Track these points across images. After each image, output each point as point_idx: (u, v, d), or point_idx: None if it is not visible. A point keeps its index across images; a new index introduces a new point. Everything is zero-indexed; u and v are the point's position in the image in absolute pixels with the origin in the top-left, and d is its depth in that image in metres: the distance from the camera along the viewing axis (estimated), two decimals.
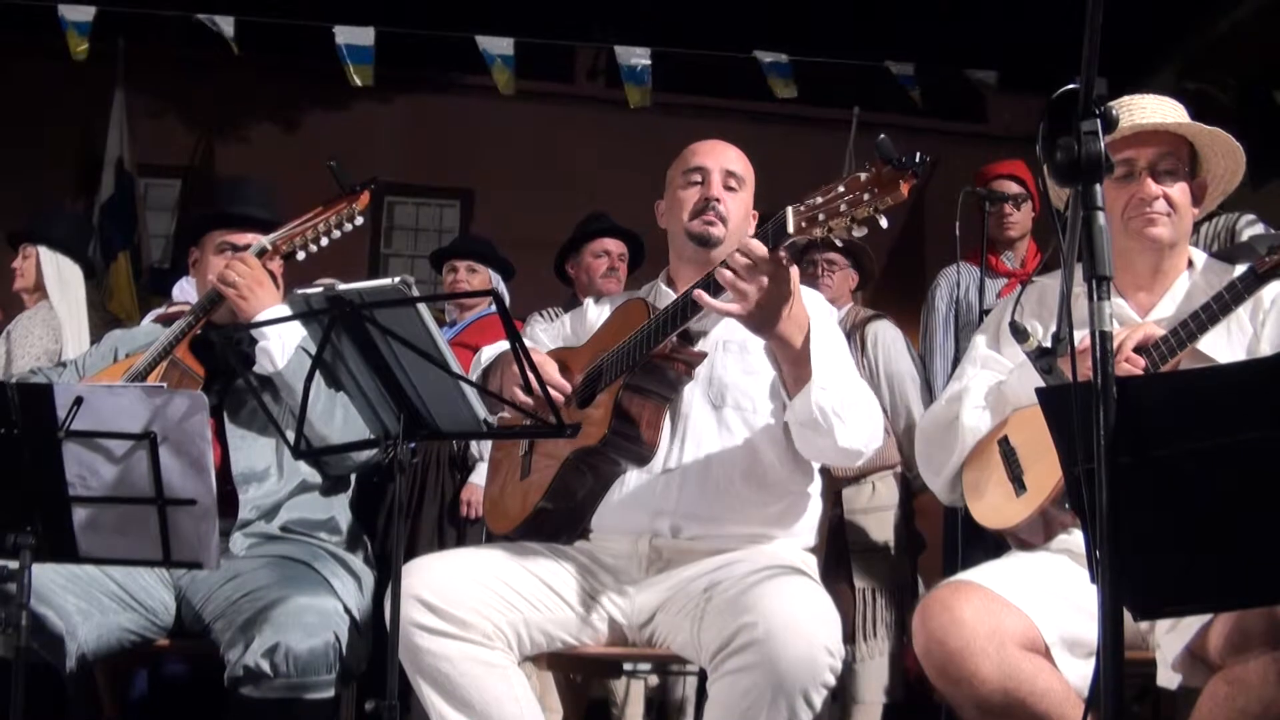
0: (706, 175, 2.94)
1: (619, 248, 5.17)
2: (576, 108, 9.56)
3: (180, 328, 3.21)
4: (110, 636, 2.89)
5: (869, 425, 2.71)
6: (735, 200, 2.94)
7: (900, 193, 2.24)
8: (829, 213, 2.30)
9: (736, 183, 2.95)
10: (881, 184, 2.25)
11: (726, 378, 2.87)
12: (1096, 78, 1.76)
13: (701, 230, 2.91)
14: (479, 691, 2.66)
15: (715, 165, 2.95)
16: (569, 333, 3.20)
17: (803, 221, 2.34)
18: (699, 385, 2.86)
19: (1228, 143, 2.75)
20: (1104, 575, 1.63)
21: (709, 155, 2.97)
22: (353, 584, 3.04)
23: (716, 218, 2.90)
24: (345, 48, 7.66)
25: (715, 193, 2.91)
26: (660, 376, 2.73)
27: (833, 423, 2.62)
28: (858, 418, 2.67)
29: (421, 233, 10.18)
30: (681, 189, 2.97)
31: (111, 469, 2.52)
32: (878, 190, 2.25)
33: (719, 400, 2.86)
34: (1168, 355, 2.53)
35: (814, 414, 2.60)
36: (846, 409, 2.63)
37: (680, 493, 2.82)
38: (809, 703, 2.41)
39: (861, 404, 2.69)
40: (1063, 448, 1.79)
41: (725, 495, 2.81)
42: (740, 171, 2.97)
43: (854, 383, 2.72)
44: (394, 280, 2.31)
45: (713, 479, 2.81)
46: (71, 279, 5.23)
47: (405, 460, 2.42)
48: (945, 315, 5.10)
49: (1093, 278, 1.71)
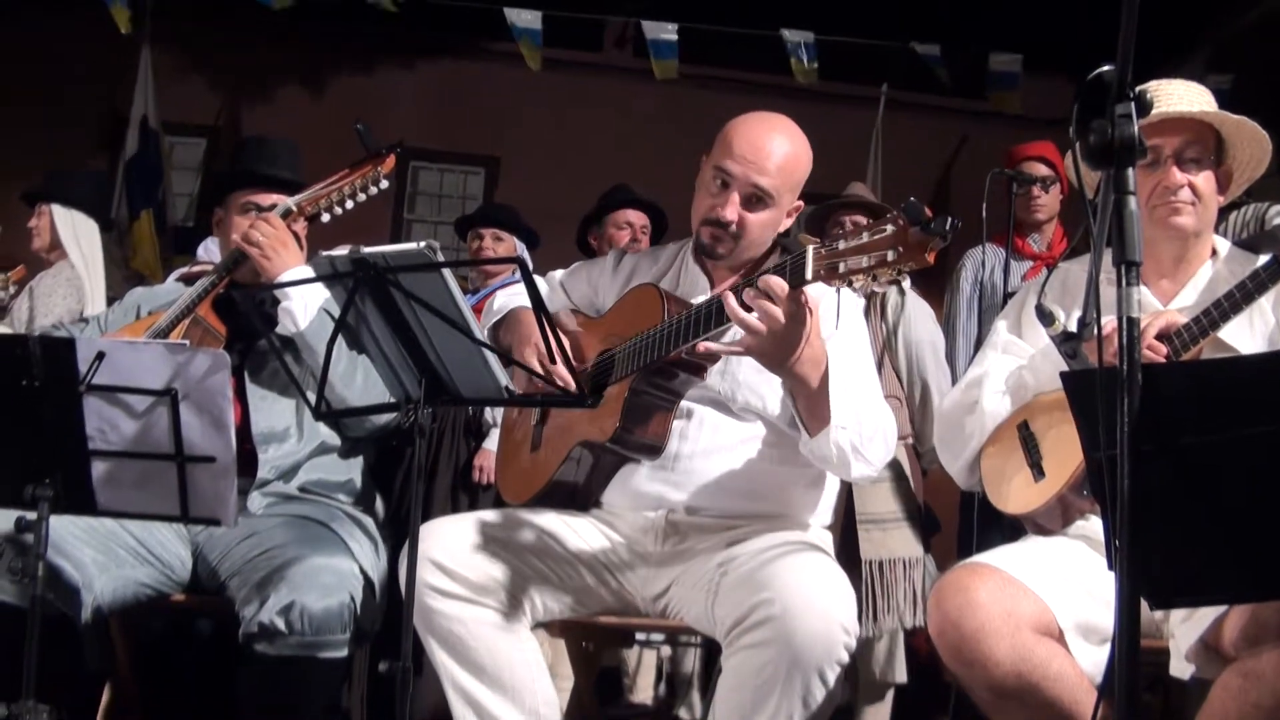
0: (729, 185, 2.75)
1: (641, 219, 5.17)
2: (603, 78, 9.52)
3: (203, 286, 3.23)
4: (126, 590, 2.92)
5: (883, 450, 2.65)
6: (756, 219, 2.77)
7: (925, 260, 2.15)
8: (851, 265, 2.22)
9: (764, 198, 2.75)
10: (907, 247, 2.16)
11: (740, 376, 2.79)
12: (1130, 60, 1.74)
13: (708, 243, 2.81)
14: (491, 655, 2.67)
15: (743, 178, 2.72)
16: (586, 287, 3.13)
17: (822, 268, 2.25)
18: (711, 379, 2.79)
19: (1255, 132, 2.73)
20: (1122, 563, 1.63)
21: (743, 161, 2.72)
22: (369, 546, 3.05)
23: (727, 236, 2.78)
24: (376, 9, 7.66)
25: (729, 214, 2.74)
26: (673, 379, 2.70)
27: (849, 459, 2.57)
28: (874, 447, 2.61)
29: (445, 199, 10.17)
30: (706, 183, 2.81)
31: (132, 424, 2.53)
32: (902, 252, 2.16)
33: (730, 396, 2.80)
34: (1189, 343, 2.53)
35: (832, 455, 2.56)
36: (864, 442, 2.57)
37: (694, 473, 2.78)
38: (823, 679, 2.41)
39: (879, 431, 2.63)
40: (1085, 433, 1.78)
41: (740, 474, 2.79)
42: (772, 186, 2.73)
43: (873, 409, 2.65)
44: (419, 245, 2.30)
45: (728, 460, 2.79)
46: (87, 235, 5.25)
47: (425, 424, 2.42)
48: (969, 297, 5.08)
49: (1122, 263, 1.70)
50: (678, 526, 2.82)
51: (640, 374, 2.66)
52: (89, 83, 8.77)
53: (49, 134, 8.39)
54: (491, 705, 2.67)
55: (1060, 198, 5.15)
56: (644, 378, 2.67)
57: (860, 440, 2.56)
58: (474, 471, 4.68)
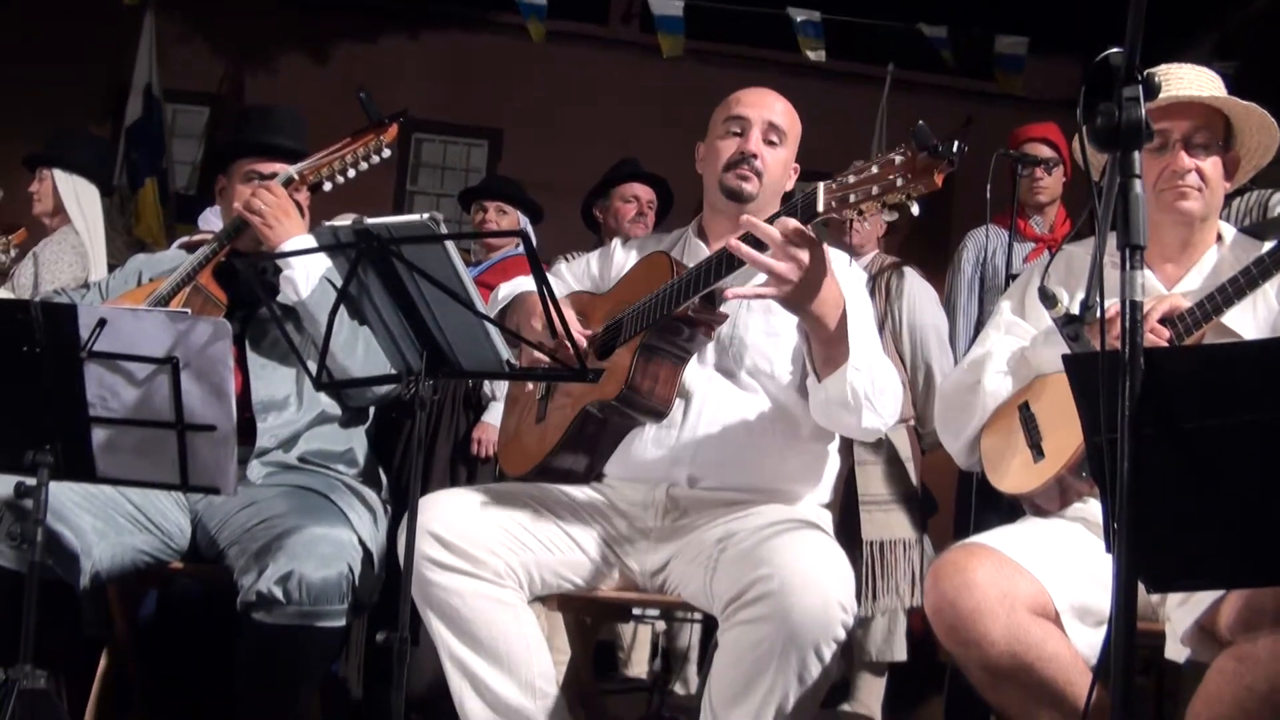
0: (746, 127, 2.87)
1: (648, 194, 5.16)
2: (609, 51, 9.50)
3: (204, 254, 3.22)
4: (125, 557, 2.92)
5: (893, 405, 2.68)
6: (774, 156, 2.89)
7: (934, 182, 2.19)
8: (861, 194, 2.27)
9: (778, 136, 2.89)
10: (916, 171, 2.20)
11: (747, 339, 2.84)
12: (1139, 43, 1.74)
13: (735, 185, 2.86)
14: (488, 627, 2.67)
15: (758, 117, 2.88)
16: (594, 273, 3.18)
17: (833, 200, 2.31)
18: (718, 343, 2.83)
19: (1263, 118, 2.73)
20: (1120, 545, 1.63)
21: (753, 105, 2.90)
22: (368, 517, 3.05)
23: (751, 172, 2.85)
24: None
25: (753, 147, 2.85)
26: (681, 336, 2.71)
27: (862, 404, 2.59)
28: (885, 400, 2.64)
29: (448, 171, 10.15)
30: (720, 138, 2.91)
31: (132, 391, 2.53)
32: (911, 177, 2.21)
33: (737, 360, 2.84)
34: (1193, 328, 2.52)
35: (847, 395, 2.57)
36: (876, 391, 2.60)
37: (696, 449, 2.80)
38: (819, 656, 2.42)
39: (890, 386, 2.67)
40: (1086, 416, 1.78)
41: (743, 448, 2.80)
42: (784, 125, 2.90)
43: (884, 362, 2.69)
44: (423, 216, 2.30)
45: (730, 436, 2.80)
46: (88, 200, 5.24)
47: (426, 396, 2.42)
48: (971, 277, 5.08)
49: (1126, 246, 1.70)
50: (678, 501, 2.83)
51: (649, 331, 2.68)
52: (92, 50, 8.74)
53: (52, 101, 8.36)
54: (488, 678, 2.68)
55: (1063, 180, 5.14)
56: (652, 335, 2.68)
57: (873, 388, 2.59)
58: (473, 444, 4.69)
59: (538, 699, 2.69)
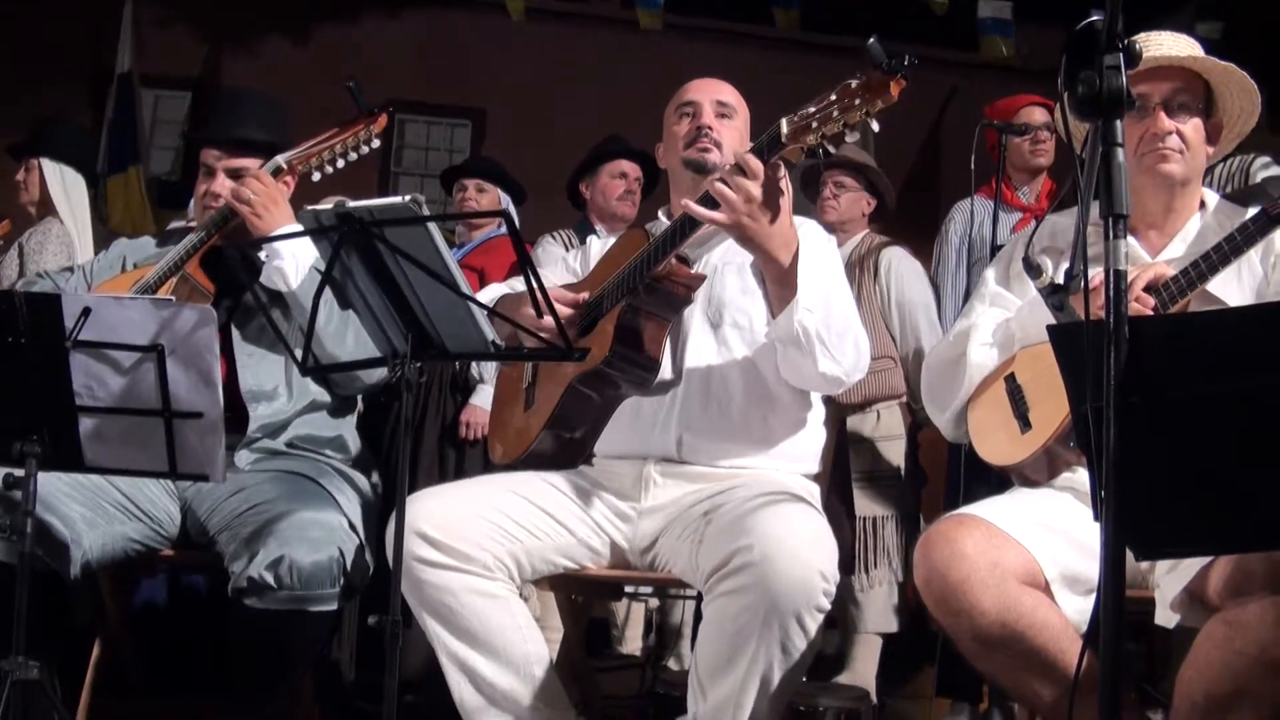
0: (698, 107, 3.01)
1: (635, 170, 5.16)
2: (589, 29, 9.47)
3: (192, 243, 3.19)
4: (115, 545, 2.92)
5: (852, 354, 2.72)
6: (728, 127, 3.00)
7: (890, 95, 2.29)
8: (822, 119, 2.35)
9: (729, 110, 3.02)
10: (872, 88, 2.30)
11: (725, 296, 2.90)
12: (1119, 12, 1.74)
13: (697, 157, 2.95)
14: (482, 622, 2.69)
15: (705, 97, 3.02)
16: (575, 267, 3.22)
17: (796, 129, 2.39)
18: (698, 305, 2.88)
19: (1243, 80, 2.72)
20: (1107, 514, 1.64)
21: (699, 90, 3.05)
22: (357, 500, 3.06)
23: (710, 143, 2.95)
24: None
25: (707, 120, 2.98)
26: (660, 297, 2.73)
27: (814, 345, 2.63)
28: (842, 345, 2.68)
29: (432, 152, 10.13)
30: (675, 124, 3.04)
31: (119, 380, 2.53)
32: (869, 94, 2.31)
33: (717, 318, 2.89)
34: (1177, 296, 2.52)
35: (795, 332, 2.61)
36: (831, 334, 2.64)
37: (682, 408, 2.84)
38: (802, 626, 2.43)
39: (848, 333, 2.71)
40: (1072, 386, 1.78)
41: (726, 410, 2.84)
42: (731, 101, 3.04)
43: (843, 311, 2.73)
44: (404, 198, 2.29)
45: (714, 395, 2.84)
46: (75, 189, 5.22)
47: (413, 379, 2.42)
48: (958, 249, 5.08)
49: (1109, 215, 1.70)
50: (665, 476, 2.85)
51: (628, 296, 2.71)
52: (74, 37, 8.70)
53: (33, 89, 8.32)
54: (486, 671, 2.70)
55: None
56: (632, 299, 2.71)
57: (827, 332, 2.63)
58: (460, 427, 4.70)
59: (532, 684, 2.71)
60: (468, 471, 4.78)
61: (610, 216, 5.06)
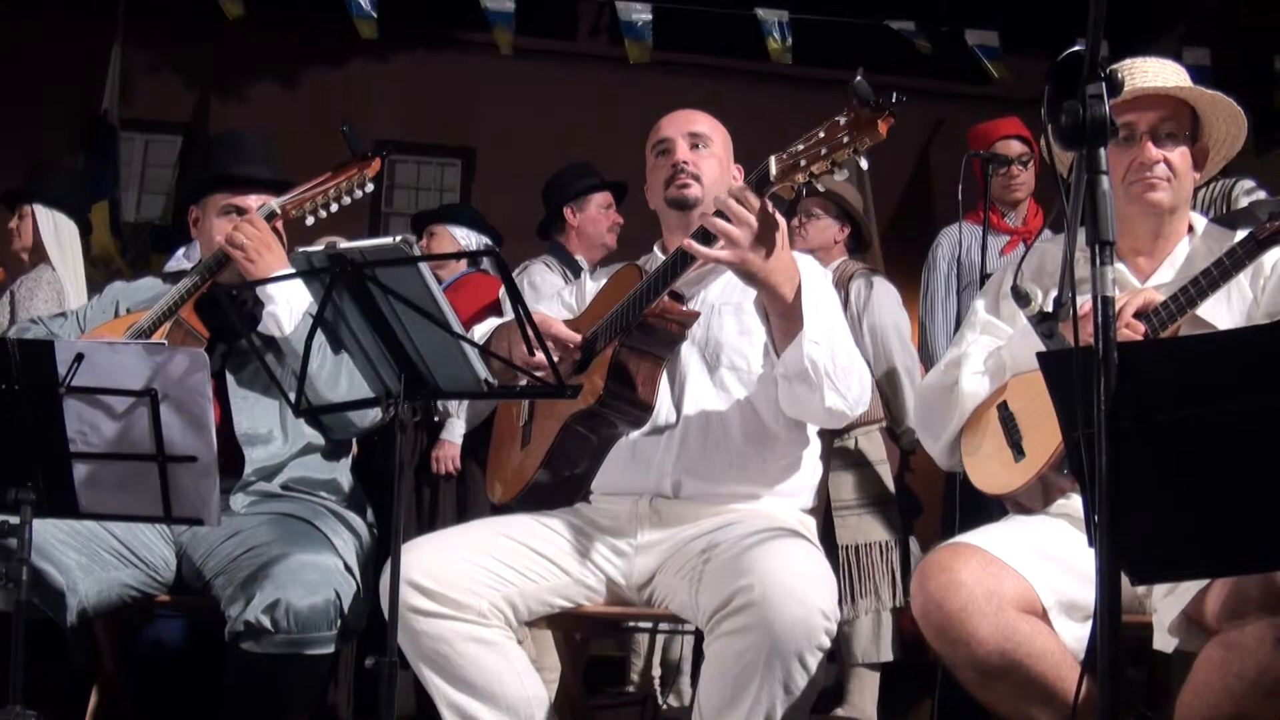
0: (671, 144, 3.00)
1: None
2: (579, 66, 9.50)
3: (186, 287, 3.19)
4: (111, 592, 2.91)
5: (857, 388, 2.71)
6: (705, 157, 2.99)
7: (879, 132, 2.29)
8: (810, 157, 2.36)
9: (702, 141, 3.01)
10: (860, 126, 2.30)
11: (722, 337, 2.89)
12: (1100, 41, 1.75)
13: (677, 194, 2.95)
14: (479, 670, 2.68)
15: (677, 132, 3.01)
16: (569, 302, 3.22)
17: (784, 168, 2.39)
18: (694, 346, 2.88)
19: (1229, 107, 2.74)
20: (1102, 539, 1.64)
21: (670, 125, 3.04)
22: (353, 542, 3.05)
23: (688, 178, 2.94)
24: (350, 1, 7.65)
25: (681, 156, 2.96)
26: (655, 336, 2.73)
27: (822, 379, 2.62)
28: (848, 379, 2.67)
29: (423, 191, 10.14)
30: (653, 165, 3.05)
31: (112, 425, 2.53)
32: (856, 132, 2.31)
33: (714, 360, 2.88)
34: (1168, 321, 2.53)
35: (805, 366, 2.60)
36: (837, 368, 2.64)
37: (680, 450, 2.84)
38: (804, 665, 2.43)
39: (853, 366, 2.70)
40: (1063, 412, 1.79)
41: (724, 452, 2.83)
42: (705, 131, 3.02)
43: (846, 344, 2.72)
44: (395, 239, 2.30)
45: (712, 436, 2.83)
46: (69, 237, 5.23)
47: (406, 420, 2.42)
48: (947, 274, 5.10)
49: (1096, 242, 1.71)
50: (661, 513, 2.84)
51: (622, 335, 2.71)
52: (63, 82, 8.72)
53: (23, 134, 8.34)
54: (487, 718, 2.69)
55: (1035, 173, 5.17)
56: (627, 338, 2.71)
57: (834, 366, 2.63)
58: (432, 463, 4.72)
59: None
60: (443, 507, 4.82)
61: (598, 246, 5.10)
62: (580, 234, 5.14)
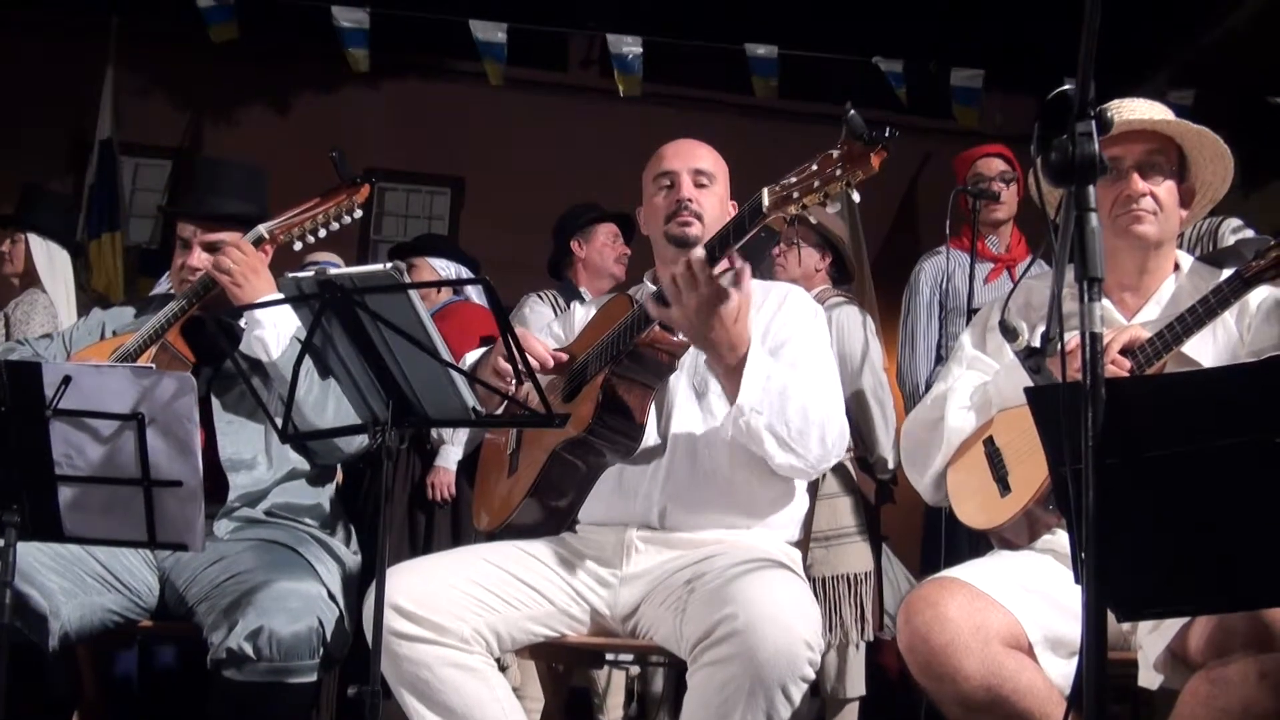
0: (675, 178, 2.99)
1: None
2: (569, 97, 9.51)
3: (172, 311, 3.18)
4: (93, 617, 2.89)
5: (817, 448, 2.70)
6: (707, 196, 2.98)
7: (871, 166, 2.31)
8: (803, 189, 2.38)
9: (707, 179, 3.00)
10: (853, 159, 2.33)
11: None
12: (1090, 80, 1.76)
13: (679, 232, 2.94)
14: (459, 696, 2.66)
15: (683, 166, 2.99)
16: (558, 333, 3.22)
17: (778, 199, 2.41)
18: (683, 373, 2.89)
19: (1216, 144, 2.75)
20: (1088, 576, 1.64)
21: (675, 158, 3.02)
22: (337, 569, 3.03)
23: (692, 216, 2.94)
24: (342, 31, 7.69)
25: (686, 193, 2.96)
26: (645, 364, 2.74)
27: (766, 441, 2.64)
28: (804, 440, 2.67)
29: (412, 219, 10.13)
30: (654, 195, 3.03)
31: (98, 449, 2.51)
32: (849, 165, 2.33)
33: (702, 387, 2.89)
34: (1153, 358, 2.54)
35: (739, 430, 2.64)
36: (789, 430, 2.65)
37: (667, 478, 2.84)
38: (787, 696, 2.42)
39: (810, 427, 2.68)
40: (1050, 448, 1.80)
41: (712, 481, 2.83)
42: (710, 168, 3.02)
43: (803, 405, 2.67)
44: (386, 266, 2.31)
45: (700, 465, 2.84)
46: (61, 263, 5.27)
47: (394, 447, 2.42)
48: (929, 300, 5.11)
49: (1085, 279, 1.72)
50: (647, 544, 2.84)
51: (613, 363, 2.71)
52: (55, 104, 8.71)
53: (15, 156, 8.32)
54: None
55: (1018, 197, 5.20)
56: (616, 368, 2.72)
57: (786, 429, 2.64)
58: (428, 489, 4.72)
59: None
60: (437, 534, 4.81)
61: (605, 276, 5.13)
62: (587, 265, 5.18)
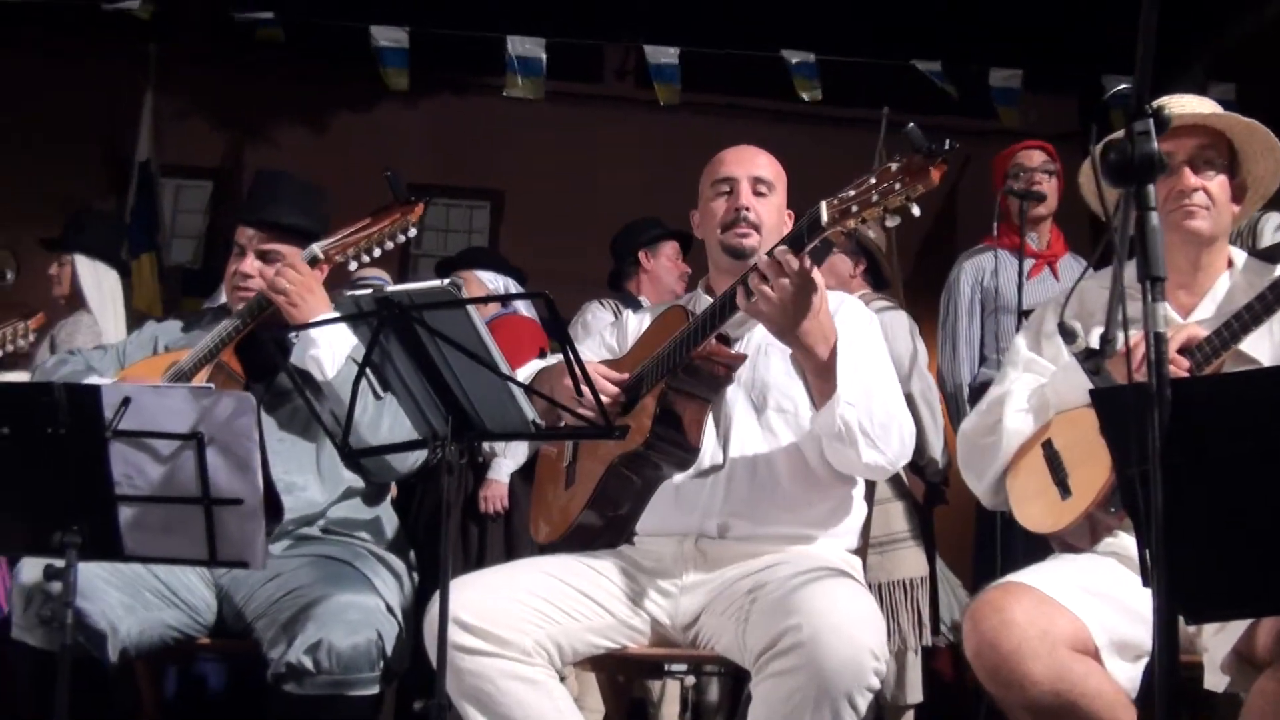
0: (735, 185, 2.95)
1: None
2: (606, 108, 9.52)
3: (227, 330, 3.19)
4: (153, 633, 2.91)
5: (897, 445, 2.72)
6: (766, 205, 2.95)
7: (931, 179, 2.29)
8: (861, 204, 2.35)
9: (766, 188, 2.96)
10: (912, 172, 2.30)
11: (769, 379, 2.89)
12: (1128, 78, 1.76)
13: (735, 243, 2.92)
14: (522, 709, 2.65)
15: (743, 174, 2.95)
16: (611, 344, 3.21)
17: (836, 214, 2.39)
18: (741, 388, 2.88)
19: (1267, 138, 2.73)
20: (1158, 578, 1.63)
21: (736, 164, 2.98)
22: (394, 582, 3.04)
23: (749, 227, 2.92)
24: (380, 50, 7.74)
25: (745, 201, 2.92)
26: (701, 378, 2.73)
27: (857, 438, 2.63)
28: (886, 437, 2.68)
29: (452, 234, 10.16)
30: (712, 200, 2.99)
31: (158, 468, 2.52)
32: (909, 179, 2.30)
33: (761, 402, 2.88)
34: (1211, 357, 2.52)
35: (838, 428, 2.62)
36: (875, 426, 2.64)
37: (726, 492, 2.83)
38: (854, 706, 2.41)
39: (893, 423, 2.70)
40: (1115, 449, 1.79)
41: (772, 494, 2.82)
42: (769, 176, 2.98)
43: (885, 401, 2.71)
44: (444, 282, 2.32)
45: (759, 479, 2.83)
46: (108, 284, 5.31)
47: (454, 462, 2.42)
48: (970, 300, 5.07)
49: (1147, 278, 1.71)
50: (706, 553, 2.83)
51: (669, 377, 2.71)
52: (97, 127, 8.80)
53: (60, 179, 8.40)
54: None
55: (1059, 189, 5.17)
56: (673, 381, 2.71)
57: (870, 424, 2.64)
58: (480, 502, 4.73)
59: None
60: (490, 547, 4.81)
61: (667, 291, 5.17)
62: (653, 278, 5.23)
